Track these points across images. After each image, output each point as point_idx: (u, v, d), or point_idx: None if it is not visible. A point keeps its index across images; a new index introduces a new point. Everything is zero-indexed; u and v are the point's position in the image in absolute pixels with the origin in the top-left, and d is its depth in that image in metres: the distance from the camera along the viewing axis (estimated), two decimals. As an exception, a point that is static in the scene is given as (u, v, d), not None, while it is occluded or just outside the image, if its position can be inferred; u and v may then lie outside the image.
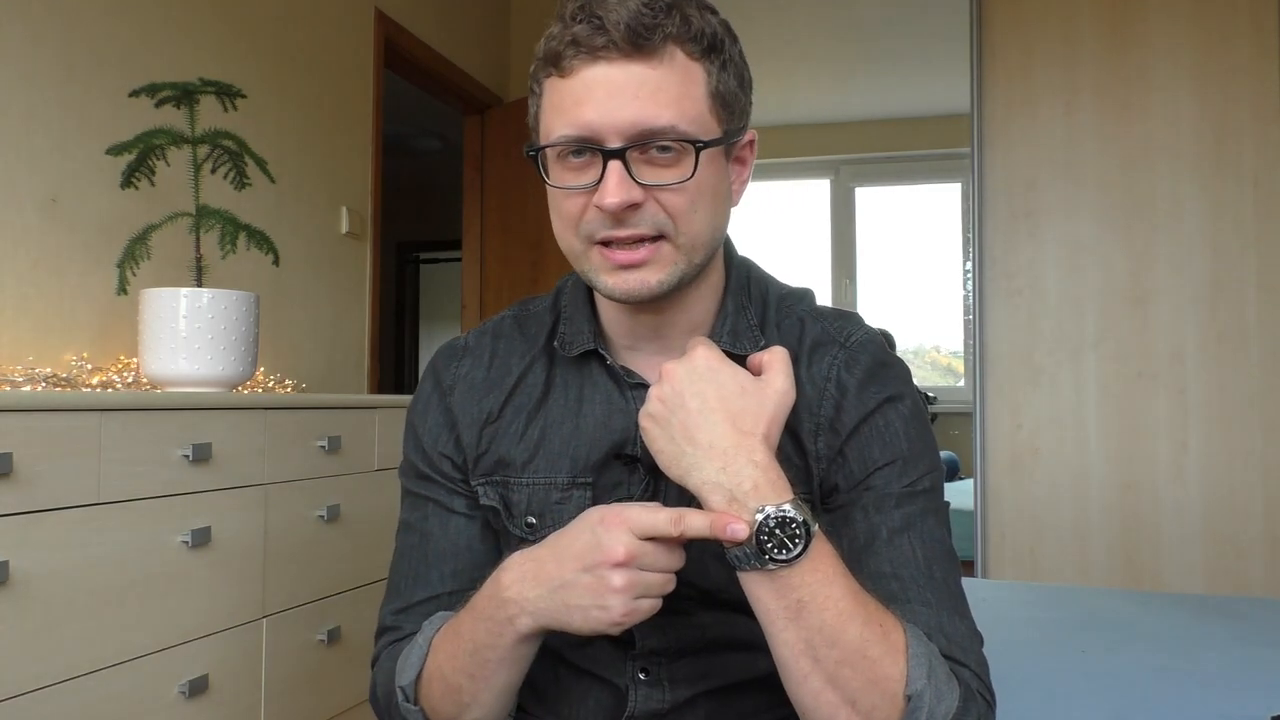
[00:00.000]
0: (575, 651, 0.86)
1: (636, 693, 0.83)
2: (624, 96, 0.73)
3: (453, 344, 0.93)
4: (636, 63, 0.73)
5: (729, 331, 0.84)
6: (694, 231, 0.77)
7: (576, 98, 0.74)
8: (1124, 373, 2.98)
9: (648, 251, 0.76)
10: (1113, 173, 3.02)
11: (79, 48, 2.06)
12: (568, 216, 0.78)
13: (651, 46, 0.73)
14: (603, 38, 0.72)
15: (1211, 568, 2.87)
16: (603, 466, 0.83)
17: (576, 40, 0.73)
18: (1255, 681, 1.42)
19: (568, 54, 0.74)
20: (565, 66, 0.74)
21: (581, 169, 0.76)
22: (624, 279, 0.77)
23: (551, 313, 0.91)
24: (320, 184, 2.87)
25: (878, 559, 0.77)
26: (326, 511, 1.98)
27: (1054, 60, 3.08)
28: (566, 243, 0.80)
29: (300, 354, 2.77)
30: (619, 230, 0.75)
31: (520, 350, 0.90)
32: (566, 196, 0.77)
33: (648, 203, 0.75)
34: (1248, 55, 2.92)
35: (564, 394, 0.86)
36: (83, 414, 1.43)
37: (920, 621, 0.74)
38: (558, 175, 0.77)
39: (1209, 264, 2.94)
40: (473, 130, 4.08)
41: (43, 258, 1.97)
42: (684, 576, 0.80)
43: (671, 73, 0.74)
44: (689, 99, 0.75)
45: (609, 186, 0.73)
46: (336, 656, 2.00)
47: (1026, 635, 1.69)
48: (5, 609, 1.30)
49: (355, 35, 3.06)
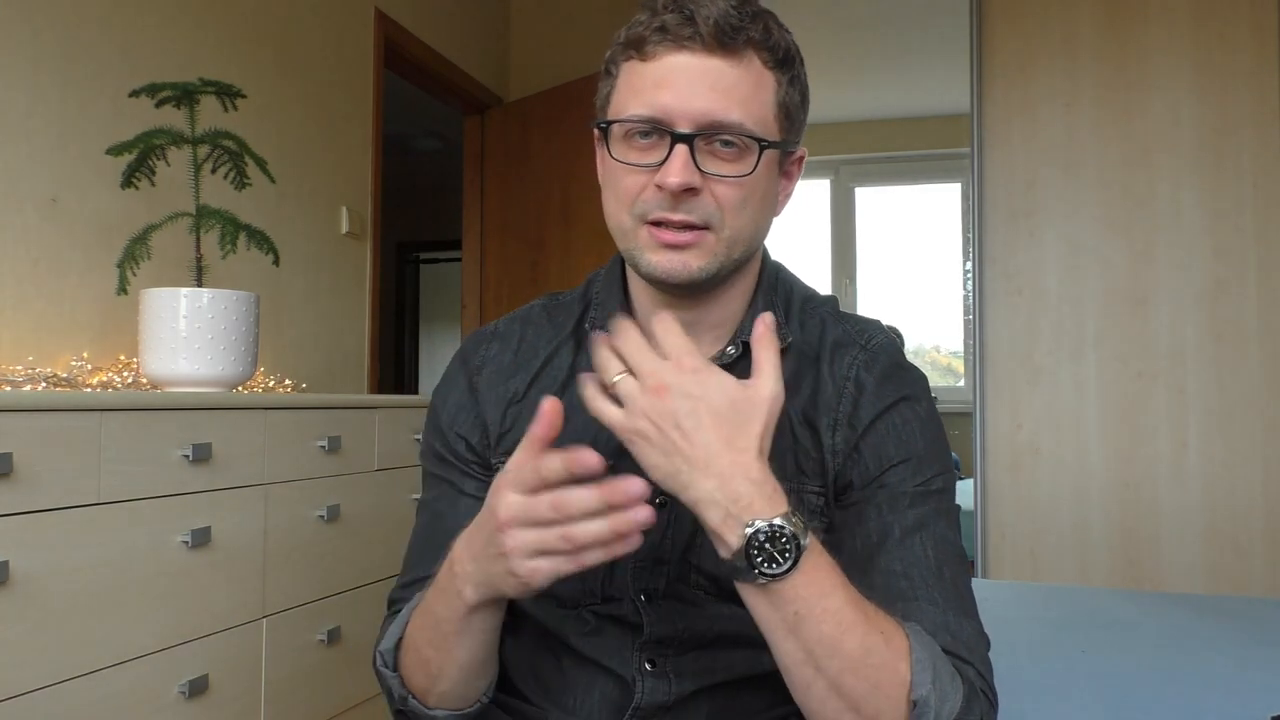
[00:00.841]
0: (582, 641, 0.86)
1: (643, 684, 0.83)
2: (701, 86, 0.76)
3: (481, 330, 0.96)
4: (717, 58, 0.77)
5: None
6: (738, 226, 0.80)
7: (656, 81, 0.77)
8: (1124, 372, 2.98)
9: (693, 237, 0.79)
10: (1113, 172, 3.02)
11: (79, 48, 2.06)
12: (624, 193, 0.80)
13: (734, 46, 0.77)
14: (690, 29, 0.76)
15: (1211, 568, 2.87)
16: (623, 450, 0.82)
17: (665, 28, 0.77)
18: (1255, 681, 1.42)
19: (653, 39, 0.77)
20: (648, 51, 0.78)
21: (647, 149, 0.79)
22: (667, 258, 0.79)
23: (581, 301, 0.93)
24: (320, 184, 2.87)
25: (889, 557, 0.78)
26: (326, 511, 1.98)
27: (1054, 60, 3.08)
28: (618, 219, 0.82)
29: (300, 354, 2.77)
30: (673, 213, 0.78)
31: (548, 335, 0.92)
32: (628, 173, 0.80)
33: (703, 192, 0.78)
34: (1248, 55, 2.92)
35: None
36: (83, 414, 1.43)
37: (927, 620, 0.75)
38: (621, 152, 0.80)
39: (1209, 264, 2.94)
40: (473, 130, 4.08)
41: (43, 258, 1.97)
42: (695, 563, 0.82)
43: (747, 74, 0.78)
44: (758, 102, 0.79)
45: (673, 166, 0.76)
46: (336, 656, 2.00)
47: (1026, 635, 1.69)
48: (5, 609, 1.30)
49: (355, 35, 3.06)
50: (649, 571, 0.84)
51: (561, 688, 0.87)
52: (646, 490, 0.66)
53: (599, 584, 0.84)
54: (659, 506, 0.81)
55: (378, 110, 3.15)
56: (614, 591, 0.84)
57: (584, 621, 0.85)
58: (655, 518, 0.67)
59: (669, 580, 0.83)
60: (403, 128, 5.15)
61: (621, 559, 0.77)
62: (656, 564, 0.83)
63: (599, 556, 0.68)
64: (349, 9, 3.02)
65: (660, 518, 0.81)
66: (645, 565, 0.83)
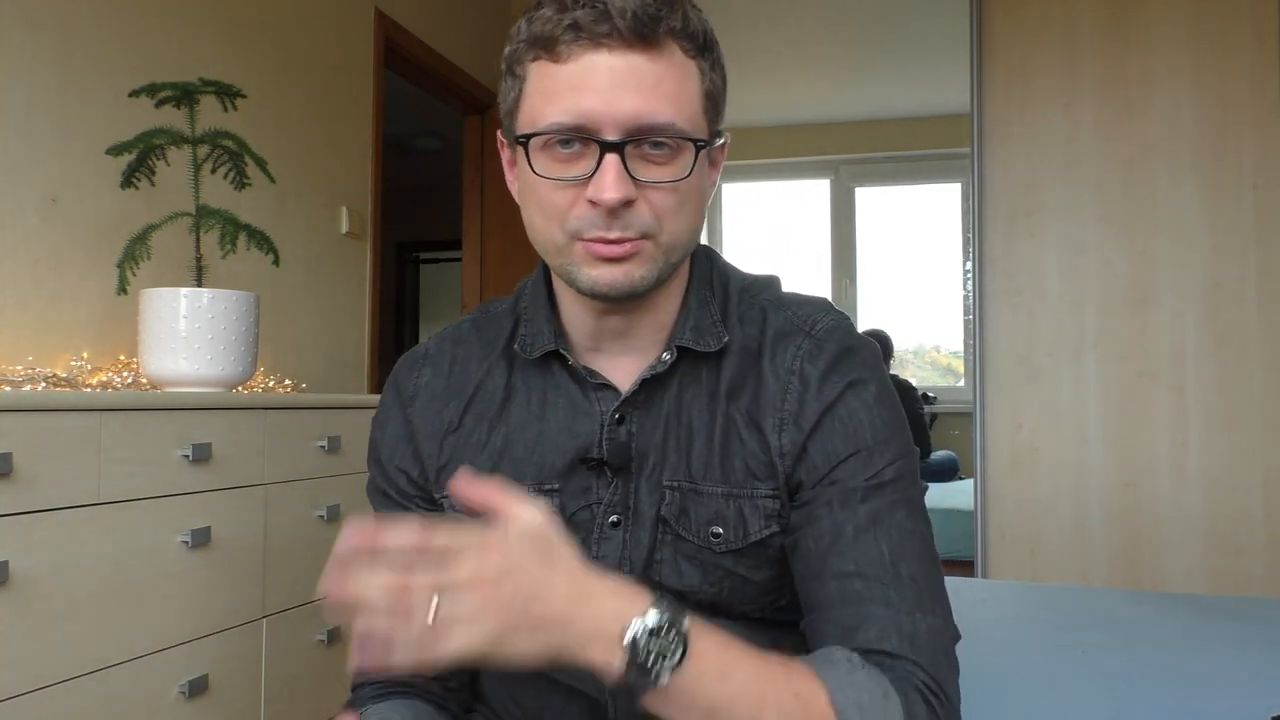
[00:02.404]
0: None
1: (616, 705, 0.81)
2: (625, 87, 0.71)
3: (413, 352, 0.91)
4: (638, 53, 0.71)
5: (692, 328, 0.81)
6: (676, 232, 0.76)
7: (573, 84, 0.71)
8: (1124, 373, 2.98)
9: (632, 247, 0.74)
10: (1113, 173, 3.02)
11: (79, 48, 2.06)
12: (552, 209, 0.75)
13: (654, 38, 0.72)
14: (606, 24, 0.70)
15: (1211, 568, 2.87)
16: (569, 472, 0.81)
17: (578, 24, 0.71)
18: (1255, 681, 1.42)
19: (565, 38, 0.71)
20: (560, 51, 0.72)
21: (571, 160, 0.73)
22: (607, 272, 0.74)
23: (510, 316, 0.88)
24: (320, 184, 2.87)
25: (842, 559, 0.74)
26: (326, 511, 1.98)
27: (1054, 60, 3.08)
28: (547, 236, 0.76)
29: (300, 354, 2.77)
30: (609, 231, 0.73)
31: (479, 355, 0.87)
32: (555, 188, 0.74)
33: (638, 201, 0.73)
34: (1248, 56, 2.92)
35: (526, 398, 0.84)
36: (83, 414, 1.43)
37: (875, 626, 0.71)
38: (543, 165, 0.74)
39: (1209, 264, 2.94)
40: (473, 130, 4.08)
41: (43, 258, 1.97)
42: (656, 579, 0.79)
43: (671, 67, 0.73)
44: (685, 96, 0.74)
45: (607, 181, 0.71)
46: (336, 656, 2.00)
47: (1026, 635, 1.69)
48: (5, 609, 1.30)
49: (355, 35, 3.06)
50: None
51: (538, 707, 0.85)
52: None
53: None
54: (613, 526, 0.80)
55: (378, 110, 3.15)
56: None
57: None
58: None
59: None
60: (403, 128, 5.15)
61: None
62: None
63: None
64: (349, 9, 3.02)
65: (615, 537, 0.80)
66: None
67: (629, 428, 0.81)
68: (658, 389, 0.81)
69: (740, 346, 0.82)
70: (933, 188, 5.94)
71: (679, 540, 0.79)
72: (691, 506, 0.79)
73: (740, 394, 0.81)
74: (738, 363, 0.81)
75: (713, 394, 0.81)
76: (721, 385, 0.81)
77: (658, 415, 0.81)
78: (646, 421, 0.81)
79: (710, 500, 0.79)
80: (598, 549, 0.80)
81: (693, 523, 0.79)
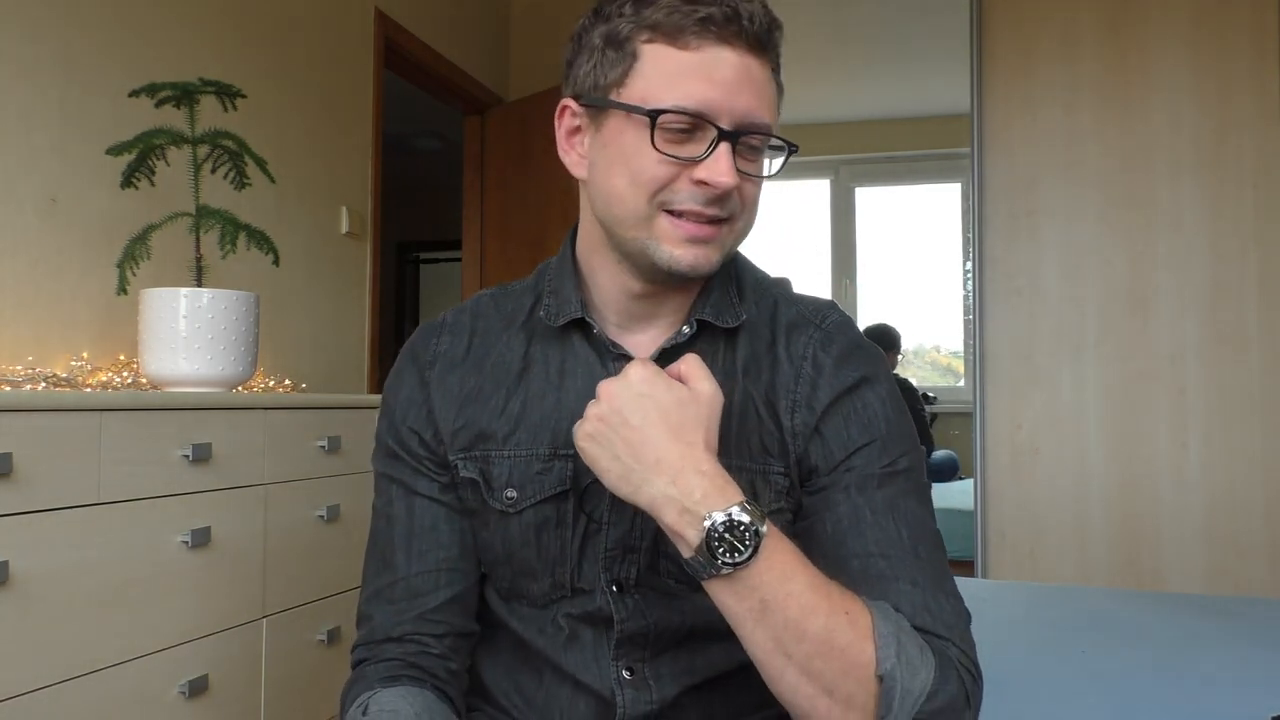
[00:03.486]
0: (559, 654, 0.85)
1: (623, 695, 0.83)
2: (743, 84, 0.77)
3: (431, 322, 0.94)
4: (755, 57, 0.78)
5: (712, 304, 0.86)
6: (749, 222, 0.83)
7: (702, 73, 0.76)
8: (1124, 373, 2.98)
9: (718, 229, 0.80)
10: (1113, 173, 3.02)
11: (79, 48, 2.06)
12: (649, 180, 0.78)
13: (768, 47, 0.79)
14: (736, 25, 0.76)
15: (1212, 568, 2.87)
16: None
17: (711, 19, 0.75)
18: (1255, 681, 1.42)
19: (694, 29, 0.76)
20: (689, 40, 0.76)
21: (681, 141, 0.77)
22: (692, 253, 0.79)
23: (532, 292, 0.91)
24: (320, 184, 2.87)
25: (863, 540, 0.78)
26: (326, 511, 1.98)
27: (1054, 60, 3.08)
28: (632, 206, 0.79)
29: (300, 354, 2.77)
30: (710, 208, 0.78)
31: (499, 326, 0.90)
32: (660, 162, 0.77)
33: (734, 191, 0.79)
34: (1248, 56, 2.92)
35: (544, 368, 0.87)
36: (83, 414, 1.43)
37: (906, 602, 0.75)
38: (659, 143, 0.78)
39: (1209, 264, 2.94)
40: (473, 130, 4.08)
41: (43, 258, 1.97)
42: (665, 550, 0.81)
43: (770, 77, 0.80)
44: (775, 104, 0.81)
45: (723, 166, 0.76)
46: (336, 656, 2.00)
47: (1026, 635, 1.69)
48: (5, 609, 1.30)
49: (355, 35, 3.06)
50: (619, 561, 0.83)
51: (545, 702, 0.86)
52: None
53: (568, 576, 0.84)
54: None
55: (378, 110, 3.15)
56: (584, 584, 0.84)
57: (559, 629, 0.85)
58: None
59: (640, 570, 0.83)
60: (403, 128, 5.15)
61: (590, 549, 0.80)
62: (627, 552, 0.83)
63: None
64: (349, 9, 3.02)
65: (627, 506, 0.80)
66: (615, 554, 0.83)
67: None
68: (674, 361, 0.84)
69: (754, 331, 0.87)
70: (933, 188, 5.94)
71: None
72: None
73: (755, 374, 0.85)
74: (751, 346, 0.86)
75: (728, 370, 0.85)
76: (738, 363, 0.85)
77: None
78: None
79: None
80: (610, 515, 0.83)
81: None
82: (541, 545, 0.84)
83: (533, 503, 0.84)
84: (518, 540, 0.84)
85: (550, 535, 0.84)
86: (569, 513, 0.83)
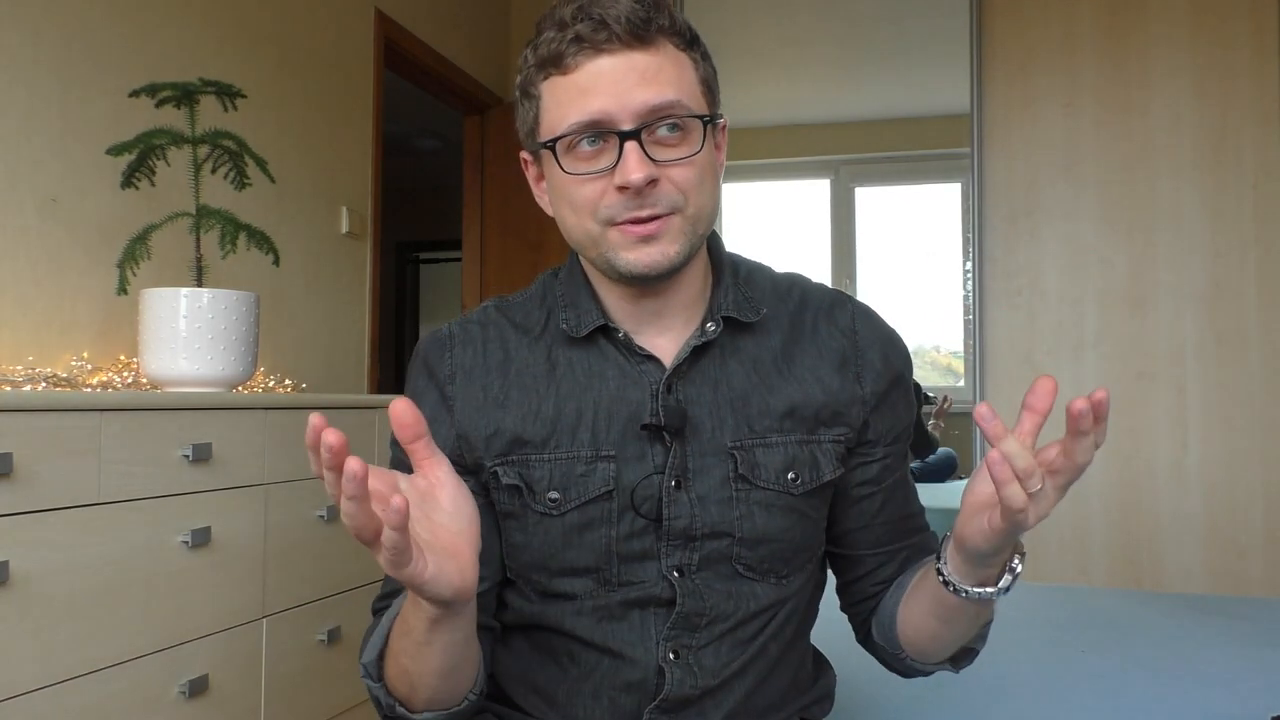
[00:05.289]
0: (605, 636, 0.85)
1: (671, 674, 0.84)
2: (630, 81, 0.78)
3: (436, 336, 0.93)
4: (636, 51, 0.79)
5: (733, 302, 0.89)
6: (700, 204, 0.82)
7: (584, 89, 0.79)
8: (1124, 373, 2.98)
9: (662, 222, 0.80)
10: (1113, 173, 3.02)
11: (79, 48, 2.06)
12: (584, 203, 0.81)
13: (649, 37, 0.79)
14: (605, 31, 0.78)
15: (1211, 568, 2.87)
16: (624, 438, 0.85)
17: (580, 37, 0.78)
18: (1255, 681, 1.42)
19: (570, 51, 0.79)
20: (568, 64, 0.79)
21: (594, 156, 0.80)
22: (645, 253, 0.80)
23: (540, 306, 0.93)
24: (320, 184, 2.87)
25: (903, 503, 0.95)
26: (326, 511, 1.98)
27: (1054, 60, 3.08)
28: (583, 230, 0.82)
29: (300, 354, 2.77)
30: (640, 210, 0.79)
31: (514, 336, 0.91)
32: (583, 183, 0.80)
33: (661, 181, 0.79)
34: (1248, 56, 2.92)
35: (571, 371, 0.88)
36: (83, 414, 1.43)
37: (933, 542, 0.95)
38: (570, 166, 0.81)
39: (1209, 264, 2.94)
40: (473, 130, 4.08)
41: (43, 258, 1.97)
42: (740, 534, 0.85)
43: (666, 59, 0.80)
44: (684, 81, 0.81)
45: (630, 164, 0.78)
46: (336, 656, 2.00)
47: (1026, 635, 1.69)
48: (5, 609, 1.30)
49: (355, 35, 3.06)
50: (681, 549, 0.85)
51: (566, 699, 0.86)
52: (323, 421, 0.59)
53: (615, 572, 0.85)
54: (676, 488, 0.84)
55: (378, 110, 3.15)
56: (630, 577, 0.85)
57: (603, 615, 0.85)
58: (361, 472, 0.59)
59: (702, 556, 0.85)
60: (403, 128, 5.15)
61: (599, 536, 0.84)
62: (689, 541, 0.85)
63: (370, 527, 0.65)
64: (349, 9, 3.02)
65: (681, 498, 0.84)
66: (677, 544, 0.85)
67: (677, 395, 0.86)
68: (701, 358, 0.87)
69: (779, 316, 0.91)
70: (933, 188, 5.93)
71: (753, 490, 0.86)
72: (763, 459, 0.86)
73: (800, 355, 0.90)
74: (789, 328, 0.91)
75: (757, 360, 0.88)
76: (771, 350, 0.89)
77: (703, 383, 0.87)
78: (692, 389, 0.86)
79: (780, 449, 0.87)
80: (668, 511, 0.84)
81: (767, 472, 0.86)
82: (586, 544, 0.85)
83: (577, 504, 0.85)
84: (559, 541, 0.85)
85: (595, 534, 0.85)
86: (614, 511, 0.85)
